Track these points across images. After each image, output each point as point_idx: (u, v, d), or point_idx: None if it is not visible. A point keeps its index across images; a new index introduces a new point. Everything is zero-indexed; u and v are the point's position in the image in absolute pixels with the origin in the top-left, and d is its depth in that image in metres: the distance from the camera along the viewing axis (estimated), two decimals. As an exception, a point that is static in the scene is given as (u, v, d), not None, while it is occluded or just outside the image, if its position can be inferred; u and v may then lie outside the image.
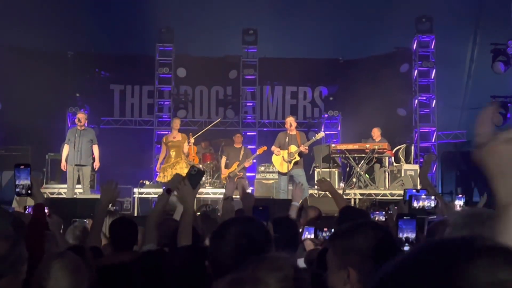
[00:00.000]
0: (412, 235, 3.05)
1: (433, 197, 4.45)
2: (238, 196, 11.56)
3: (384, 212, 4.76)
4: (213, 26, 14.95)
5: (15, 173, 3.50)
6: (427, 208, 4.39)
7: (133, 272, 2.93)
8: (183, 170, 11.03)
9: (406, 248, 2.92)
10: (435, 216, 3.46)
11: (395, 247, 2.13)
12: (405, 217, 3.14)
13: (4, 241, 2.74)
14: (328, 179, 12.71)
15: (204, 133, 13.21)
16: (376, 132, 12.99)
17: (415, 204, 4.41)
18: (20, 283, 2.69)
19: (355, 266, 1.94)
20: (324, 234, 4.13)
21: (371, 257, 1.93)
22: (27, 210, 4.96)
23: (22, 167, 3.52)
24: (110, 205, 8.73)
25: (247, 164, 11.77)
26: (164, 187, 4.09)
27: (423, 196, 4.47)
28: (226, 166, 12.05)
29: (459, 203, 5.45)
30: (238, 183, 11.60)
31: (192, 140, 11.74)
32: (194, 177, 3.28)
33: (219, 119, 14.68)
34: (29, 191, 3.52)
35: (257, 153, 12.29)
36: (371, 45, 15.43)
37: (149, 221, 3.60)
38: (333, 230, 4.05)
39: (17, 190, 3.51)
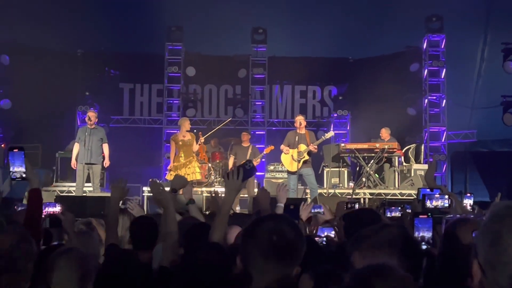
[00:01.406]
0: (428, 234, 3.02)
1: (446, 197, 4.40)
2: (246, 195, 11.64)
3: (400, 208, 4.72)
4: (222, 25, 14.94)
5: (9, 159, 3.31)
6: (440, 208, 4.35)
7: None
8: (195, 169, 11.03)
9: (424, 247, 2.89)
10: (451, 215, 3.42)
11: (418, 244, 2.14)
12: (421, 216, 3.10)
13: (4, 236, 2.68)
14: (337, 179, 12.77)
15: (213, 132, 13.23)
16: (384, 133, 12.94)
17: (428, 203, 4.36)
18: (25, 280, 2.62)
19: None
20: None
21: (397, 254, 1.96)
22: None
23: (15, 150, 3.34)
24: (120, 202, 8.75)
25: (254, 162, 11.72)
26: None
27: (437, 196, 4.42)
28: (234, 165, 12.03)
29: (468, 202, 5.41)
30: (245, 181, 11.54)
31: (202, 139, 11.74)
32: (246, 172, 3.07)
33: (230, 118, 14.67)
34: (24, 176, 3.34)
35: (264, 152, 12.27)
36: (380, 45, 15.38)
37: (163, 221, 3.58)
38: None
39: (12, 176, 3.35)
